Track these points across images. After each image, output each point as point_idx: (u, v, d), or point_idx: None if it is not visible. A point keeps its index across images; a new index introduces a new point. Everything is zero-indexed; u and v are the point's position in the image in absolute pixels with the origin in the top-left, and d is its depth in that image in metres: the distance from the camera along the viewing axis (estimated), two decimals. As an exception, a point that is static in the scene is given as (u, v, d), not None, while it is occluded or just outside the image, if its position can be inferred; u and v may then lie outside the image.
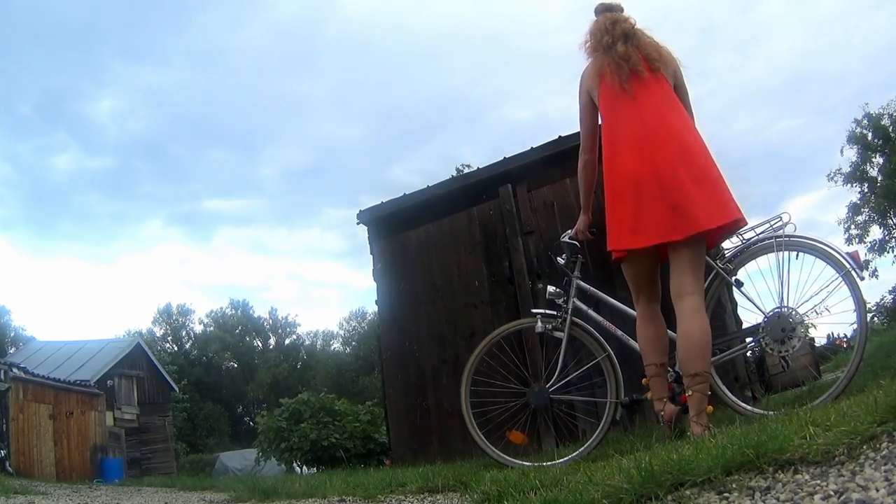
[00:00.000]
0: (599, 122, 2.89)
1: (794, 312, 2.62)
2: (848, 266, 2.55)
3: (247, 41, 65.10)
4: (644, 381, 2.76)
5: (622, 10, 2.91)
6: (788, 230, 2.73)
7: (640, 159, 2.61)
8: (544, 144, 5.04)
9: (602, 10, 2.93)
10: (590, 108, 2.89)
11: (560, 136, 4.88)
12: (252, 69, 68.25)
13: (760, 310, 2.71)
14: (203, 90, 69.34)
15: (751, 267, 2.85)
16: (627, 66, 2.71)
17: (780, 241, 2.70)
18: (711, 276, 2.83)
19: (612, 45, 2.78)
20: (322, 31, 68.24)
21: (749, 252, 2.81)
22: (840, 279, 2.57)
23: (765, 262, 2.81)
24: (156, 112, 67.90)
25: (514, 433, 3.25)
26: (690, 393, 2.45)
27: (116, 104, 65.77)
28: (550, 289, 3.18)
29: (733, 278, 2.82)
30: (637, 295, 2.83)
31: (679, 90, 2.81)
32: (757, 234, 2.81)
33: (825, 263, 2.63)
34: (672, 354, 2.76)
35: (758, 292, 2.77)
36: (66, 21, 63.05)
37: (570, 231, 3.17)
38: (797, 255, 2.69)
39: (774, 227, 2.78)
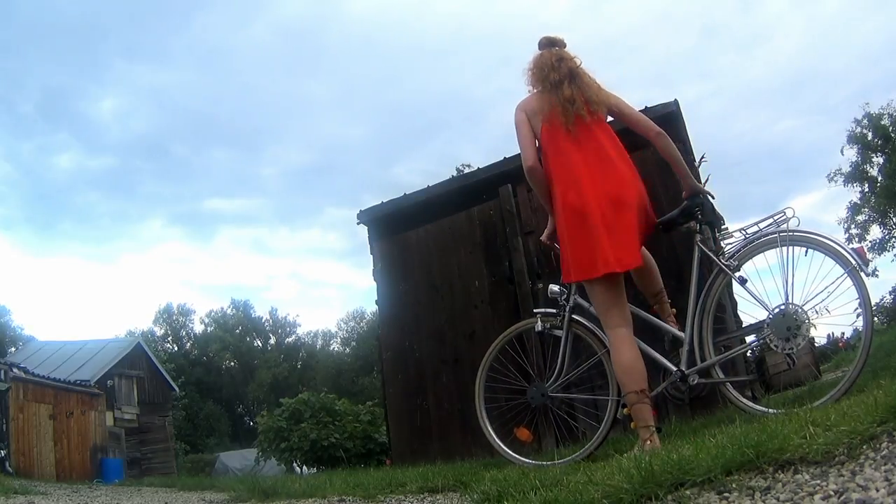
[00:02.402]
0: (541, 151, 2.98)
1: (799, 309, 2.55)
2: (854, 262, 2.47)
3: (249, 40, 65.24)
4: (625, 410, 2.67)
5: (565, 45, 3.00)
6: (792, 225, 2.65)
7: (590, 191, 2.72)
8: (544, 144, 5.03)
9: (546, 44, 2.99)
10: (527, 127, 2.94)
11: (560, 136, 4.87)
12: (254, 68, 68.40)
13: (765, 307, 2.64)
14: (205, 89, 69.46)
15: (749, 265, 2.79)
16: (572, 110, 2.81)
17: (784, 237, 2.63)
18: (714, 273, 2.80)
19: (559, 83, 2.86)
20: (325, 30, 68.34)
21: (752, 247, 2.73)
22: (845, 275, 2.49)
23: (763, 259, 2.76)
24: (157, 111, 68.00)
25: (521, 430, 3.26)
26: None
27: (118, 103, 65.91)
28: (554, 287, 3.17)
29: (737, 275, 2.74)
30: (608, 317, 2.74)
31: (622, 115, 2.95)
32: (760, 230, 2.75)
33: (830, 259, 2.54)
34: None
35: (756, 289, 2.71)
36: (68, 20, 63.18)
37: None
38: (806, 252, 2.59)
39: (778, 222, 2.70)
